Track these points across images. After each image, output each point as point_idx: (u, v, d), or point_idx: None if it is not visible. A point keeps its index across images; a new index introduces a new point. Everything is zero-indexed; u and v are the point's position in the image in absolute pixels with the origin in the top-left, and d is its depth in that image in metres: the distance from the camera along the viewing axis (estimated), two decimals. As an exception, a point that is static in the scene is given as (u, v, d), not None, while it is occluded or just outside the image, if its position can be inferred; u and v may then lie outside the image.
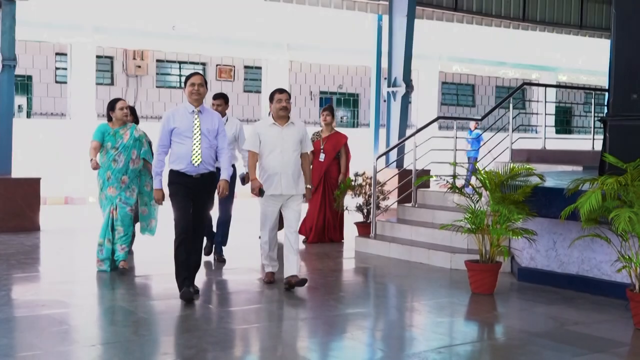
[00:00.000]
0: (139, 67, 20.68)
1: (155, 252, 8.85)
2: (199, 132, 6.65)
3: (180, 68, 22.08)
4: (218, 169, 7.03)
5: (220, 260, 8.65)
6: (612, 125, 7.89)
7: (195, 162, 6.60)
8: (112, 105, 8.03)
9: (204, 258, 8.01)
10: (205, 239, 8.26)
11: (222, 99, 8.64)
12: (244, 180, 8.20)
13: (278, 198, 7.28)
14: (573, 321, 6.28)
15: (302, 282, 7.18)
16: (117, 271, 7.81)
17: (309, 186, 7.48)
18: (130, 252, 8.36)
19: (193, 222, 6.66)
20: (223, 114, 8.35)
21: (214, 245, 8.78)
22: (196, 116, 6.67)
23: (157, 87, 21.43)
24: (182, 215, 6.62)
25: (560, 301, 7.01)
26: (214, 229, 8.76)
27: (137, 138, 8.01)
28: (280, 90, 7.43)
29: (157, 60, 21.39)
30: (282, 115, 7.30)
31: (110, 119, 8.07)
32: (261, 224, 7.44)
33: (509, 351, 5.51)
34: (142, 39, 18.27)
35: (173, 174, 6.66)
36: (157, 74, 21.54)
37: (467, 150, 17.16)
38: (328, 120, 10.51)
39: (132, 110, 8.56)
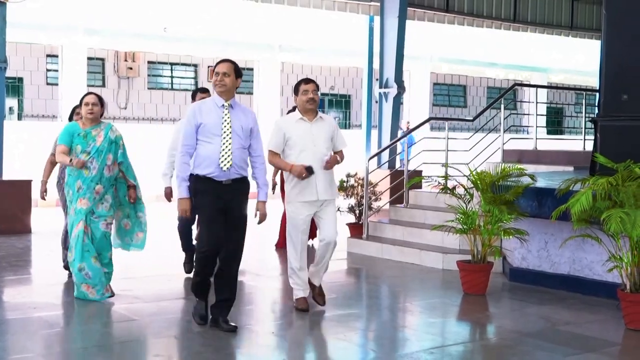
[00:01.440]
0: (131, 68, 20.66)
1: (146, 253, 8.82)
2: (230, 130, 5.59)
3: (171, 70, 22.06)
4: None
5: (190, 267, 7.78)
6: (602, 126, 7.91)
7: (225, 165, 5.53)
8: (81, 101, 6.89)
9: (184, 275, 7.82)
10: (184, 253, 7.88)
11: (209, 93, 7.71)
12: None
13: (312, 205, 6.29)
14: (564, 321, 6.30)
15: (322, 299, 6.56)
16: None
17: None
18: None
19: (226, 242, 5.62)
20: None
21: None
22: (226, 111, 5.65)
23: (148, 88, 21.41)
24: (211, 229, 5.56)
25: (551, 301, 7.02)
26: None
27: (112, 140, 6.74)
28: (306, 80, 6.46)
29: (149, 62, 21.37)
30: (310, 108, 6.33)
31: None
32: (288, 235, 6.41)
33: (501, 351, 5.52)
34: (133, 41, 18.26)
35: (199, 181, 5.58)
36: (148, 75, 21.52)
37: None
38: None
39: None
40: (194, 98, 7.48)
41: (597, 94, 8.47)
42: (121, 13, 16.67)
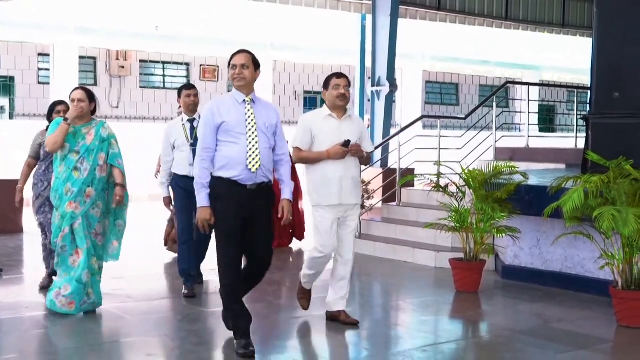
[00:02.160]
0: (122, 67, 20.61)
1: (138, 252, 8.81)
2: (255, 127, 5.07)
3: (163, 68, 22.02)
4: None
5: (191, 293, 6.88)
6: (594, 123, 7.93)
7: (253, 166, 4.97)
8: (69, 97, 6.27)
9: (176, 274, 7.23)
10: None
11: (197, 90, 7.31)
12: None
13: (336, 209, 5.79)
14: (557, 318, 6.31)
15: (354, 323, 5.94)
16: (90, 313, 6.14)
17: None
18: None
19: (248, 257, 5.21)
20: (196, 109, 7.10)
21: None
22: (249, 107, 5.12)
23: (140, 87, 21.36)
24: (230, 252, 5.00)
25: (544, 298, 7.03)
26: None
27: (104, 138, 6.16)
28: (338, 75, 5.96)
29: (141, 61, 21.32)
30: (340, 105, 5.89)
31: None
32: (317, 244, 5.85)
33: (494, 349, 5.52)
34: (125, 40, 18.21)
35: (221, 185, 4.99)
36: (140, 74, 21.47)
37: None
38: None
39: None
40: (179, 95, 7.18)
41: (589, 92, 8.48)
42: (113, 12, 16.63)
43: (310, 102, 24.95)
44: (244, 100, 5.13)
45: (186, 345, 5.34)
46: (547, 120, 28.19)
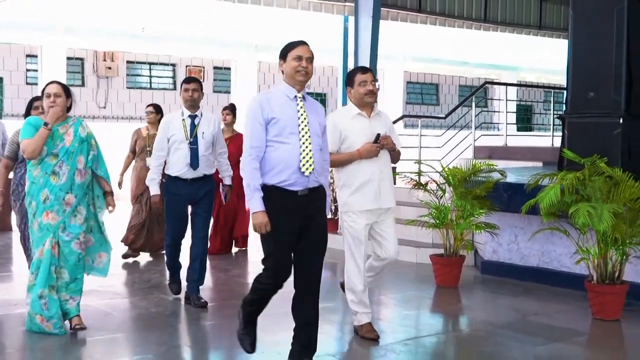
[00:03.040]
0: (110, 68, 20.50)
1: (122, 249, 8.77)
2: (307, 126, 4.47)
3: (150, 69, 21.93)
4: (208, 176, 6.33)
5: (200, 304, 6.32)
6: (570, 123, 7.97)
7: (307, 169, 4.39)
8: (43, 92, 5.46)
9: (164, 271, 6.95)
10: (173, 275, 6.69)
11: (198, 83, 6.48)
12: (227, 197, 6.87)
13: (372, 214, 5.31)
14: (534, 312, 6.34)
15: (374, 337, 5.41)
16: (69, 334, 5.44)
17: None
18: None
19: (304, 269, 4.55)
20: (198, 105, 6.43)
21: (187, 285, 6.50)
22: (301, 104, 4.50)
23: (127, 88, 21.26)
24: (281, 260, 4.44)
25: (521, 293, 7.07)
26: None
27: (83, 138, 5.41)
28: (363, 69, 5.45)
29: (128, 62, 21.23)
30: (369, 102, 5.36)
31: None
32: (348, 253, 5.38)
33: (473, 342, 5.54)
34: (112, 41, 18.12)
35: (271, 193, 4.39)
36: (127, 75, 21.38)
37: None
38: (228, 120, 9.02)
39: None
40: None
41: (565, 92, 8.53)
42: (100, 13, 16.54)
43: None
44: (296, 97, 4.51)
45: (173, 341, 5.33)
46: (525, 119, 28.31)
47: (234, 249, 9.25)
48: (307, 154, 4.40)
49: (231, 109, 9.09)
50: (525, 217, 7.27)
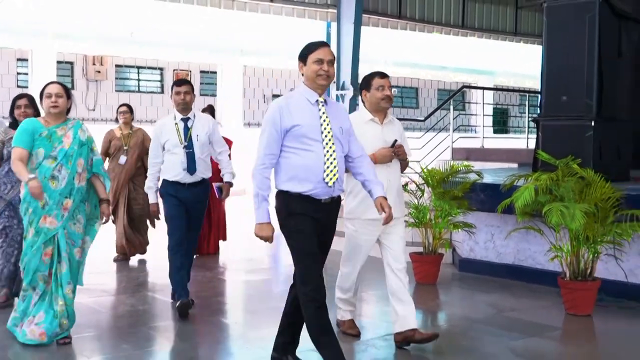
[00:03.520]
0: (99, 72, 20.42)
1: (113, 247, 8.71)
2: (330, 132, 4.15)
3: (138, 73, 21.84)
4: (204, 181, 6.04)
5: (184, 312, 5.82)
6: (544, 125, 8.01)
7: (331, 179, 4.10)
8: (41, 94, 5.16)
9: (152, 269, 7.20)
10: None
11: (189, 85, 6.15)
12: (222, 191, 6.55)
13: (377, 224, 4.91)
14: (510, 308, 6.37)
15: (432, 337, 5.01)
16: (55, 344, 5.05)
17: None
18: None
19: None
20: (190, 108, 6.11)
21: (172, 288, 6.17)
22: (323, 108, 4.19)
23: (116, 91, 21.17)
24: (314, 270, 4.14)
25: (498, 289, 7.09)
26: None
27: (83, 142, 5.08)
28: (382, 74, 5.19)
29: (116, 66, 21.14)
30: (384, 107, 5.13)
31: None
32: (346, 258, 5.25)
33: (452, 337, 5.56)
34: (101, 45, 18.04)
35: (294, 201, 4.13)
36: (116, 78, 21.29)
37: None
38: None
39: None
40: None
41: (539, 96, 8.57)
42: (89, 18, 16.47)
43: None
44: (317, 101, 4.20)
45: (161, 339, 5.30)
46: (501, 122, 28.44)
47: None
48: (331, 163, 4.10)
49: (210, 111, 8.57)
50: (501, 217, 7.30)
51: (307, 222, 4.12)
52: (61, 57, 18.11)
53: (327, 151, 4.10)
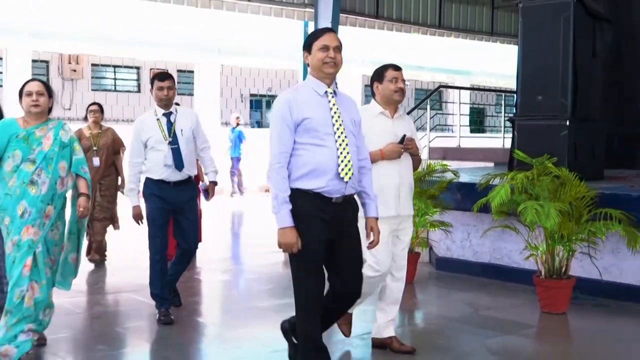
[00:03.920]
0: (75, 71, 20.26)
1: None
2: (342, 125, 3.87)
3: (114, 72, 21.69)
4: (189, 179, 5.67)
5: (168, 318, 5.63)
6: (519, 125, 8.06)
7: (346, 173, 3.81)
8: (21, 92, 4.71)
9: (131, 269, 7.36)
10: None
11: (172, 80, 5.79)
12: (208, 193, 6.04)
13: (391, 221, 4.70)
14: (486, 306, 6.40)
15: (409, 352, 4.93)
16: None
17: None
18: None
19: (332, 289, 4.01)
20: (170, 103, 5.76)
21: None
22: (333, 100, 3.92)
23: (92, 90, 21.03)
24: (313, 283, 3.87)
25: (474, 288, 7.13)
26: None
27: (65, 143, 4.67)
28: (395, 67, 4.91)
29: (92, 64, 21.00)
30: (397, 101, 4.86)
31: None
32: (370, 255, 4.69)
33: (428, 335, 5.57)
34: (77, 44, 17.88)
35: (301, 200, 3.81)
36: (92, 77, 21.13)
37: (232, 151, 16.20)
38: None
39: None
40: (152, 85, 5.78)
41: (515, 96, 8.62)
42: (65, 16, 16.31)
43: (256, 104, 24.88)
44: (326, 92, 3.93)
45: (140, 340, 5.26)
46: (477, 121, 28.62)
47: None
48: (345, 157, 3.81)
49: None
50: (477, 216, 7.33)
51: (316, 225, 3.80)
52: (36, 56, 17.94)
53: (340, 144, 3.82)
